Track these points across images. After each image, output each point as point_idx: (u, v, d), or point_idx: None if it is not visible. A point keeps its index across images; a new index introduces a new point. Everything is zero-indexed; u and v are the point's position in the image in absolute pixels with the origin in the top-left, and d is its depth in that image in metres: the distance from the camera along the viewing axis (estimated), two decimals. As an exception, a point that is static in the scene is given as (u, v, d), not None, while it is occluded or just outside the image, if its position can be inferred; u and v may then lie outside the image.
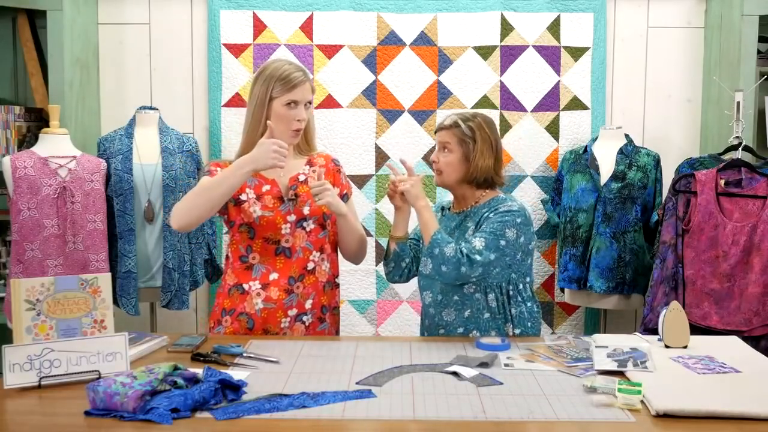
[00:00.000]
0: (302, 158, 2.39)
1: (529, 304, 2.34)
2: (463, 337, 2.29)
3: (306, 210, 2.31)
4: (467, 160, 2.32)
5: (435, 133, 2.41)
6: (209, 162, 2.36)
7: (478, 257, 2.18)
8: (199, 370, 1.75)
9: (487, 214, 2.29)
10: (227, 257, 2.39)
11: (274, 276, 2.29)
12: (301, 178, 2.35)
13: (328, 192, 2.21)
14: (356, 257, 2.46)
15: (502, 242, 2.22)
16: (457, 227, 2.37)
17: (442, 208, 2.48)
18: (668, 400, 1.64)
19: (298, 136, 2.30)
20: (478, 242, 2.20)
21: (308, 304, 2.33)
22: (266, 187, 2.31)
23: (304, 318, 2.33)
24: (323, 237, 2.36)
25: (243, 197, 2.28)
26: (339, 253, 2.47)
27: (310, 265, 2.33)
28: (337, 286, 2.44)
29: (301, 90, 2.24)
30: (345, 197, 2.41)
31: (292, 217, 2.29)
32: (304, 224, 2.31)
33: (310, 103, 2.30)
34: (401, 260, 2.41)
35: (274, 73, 2.24)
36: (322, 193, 2.20)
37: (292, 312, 2.31)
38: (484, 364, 1.95)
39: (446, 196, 2.59)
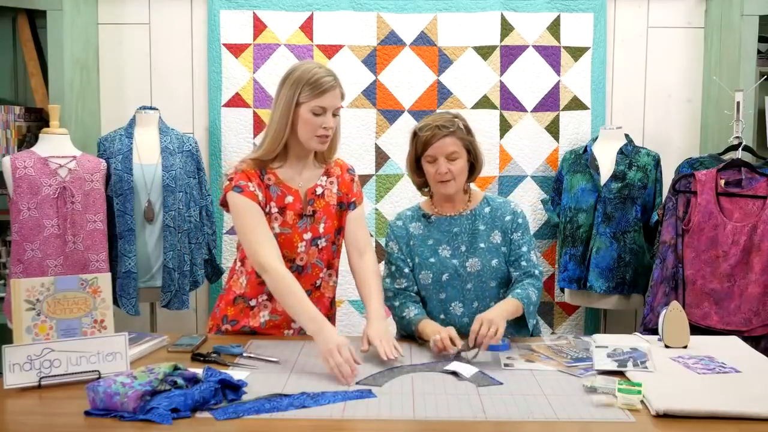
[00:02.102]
0: (320, 168, 2.27)
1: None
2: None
3: (321, 228, 2.25)
4: (471, 160, 2.31)
5: (427, 143, 2.24)
6: (235, 174, 2.16)
7: (541, 269, 2.36)
8: (199, 370, 1.75)
9: (510, 219, 2.33)
10: (237, 262, 2.32)
11: None
12: (318, 191, 2.25)
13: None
14: None
15: (534, 242, 2.44)
16: (464, 231, 2.32)
17: (425, 216, 2.36)
18: (668, 400, 1.64)
19: (324, 143, 2.16)
20: (534, 257, 2.35)
21: None
22: (289, 199, 2.20)
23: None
24: (332, 253, 2.32)
25: (266, 209, 2.18)
26: (340, 255, 2.42)
27: (318, 282, 2.29)
28: (334, 299, 2.41)
29: (330, 96, 2.10)
30: (353, 204, 2.33)
31: (308, 235, 2.22)
32: (318, 242, 2.25)
33: (339, 109, 2.17)
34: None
35: (302, 76, 2.09)
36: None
37: (296, 325, 2.28)
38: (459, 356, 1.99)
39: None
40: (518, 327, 2.28)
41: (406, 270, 2.34)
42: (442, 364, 1.97)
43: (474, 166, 2.33)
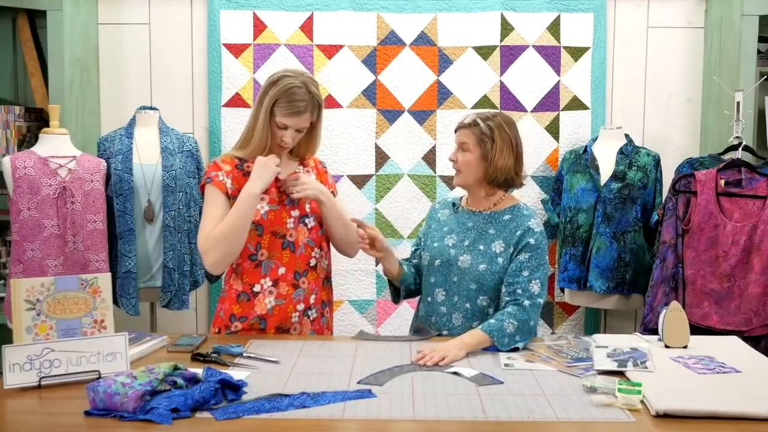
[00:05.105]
0: (295, 160, 2.45)
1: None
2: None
3: (307, 207, 2.37)
4: (486, 160, 2.30)
5: (455, 132, 2.38)
6: (208, 166, 2.38)
7: (540, 300, 2.22)
8: (199, 370, 1.75)
9: (520, 234, 2.26)
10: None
11: (282, 270, 2.32)
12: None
13: (306, 185, 2.29)
14: (348, 246, 2.46)
15: (545, 270, 2.28)
16: (475, 228, 2.34)
17: (453, 204, 2.46)
18: (668, 400, 1.64)
19: (283, 150, 2.35)
20: (536, 286, 2.22)
21: (312, 299, 2.39)
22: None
23: (309, 312, 2.39)
24: (322, 234, 2.42)
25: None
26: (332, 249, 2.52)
27: (312, 261, 2.38)
28: (331, 281, 2.52)
29: (296, 119, 2.26)
30: (333, 195, 2.46)
31: (296, 212, 2.35)
32: (306, 221, 2.37)
33: (306, 126, 2.32)
34: (408, 286, 2.46)
35: (280, 92, 2.24)
36: (300, 187, 2.28)
37: (300, 306, 2.35)
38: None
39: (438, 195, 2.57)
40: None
41: (413, 247, 2.54)
42: (444, 366, 1.97)
43: (496, 169, 2.30)
